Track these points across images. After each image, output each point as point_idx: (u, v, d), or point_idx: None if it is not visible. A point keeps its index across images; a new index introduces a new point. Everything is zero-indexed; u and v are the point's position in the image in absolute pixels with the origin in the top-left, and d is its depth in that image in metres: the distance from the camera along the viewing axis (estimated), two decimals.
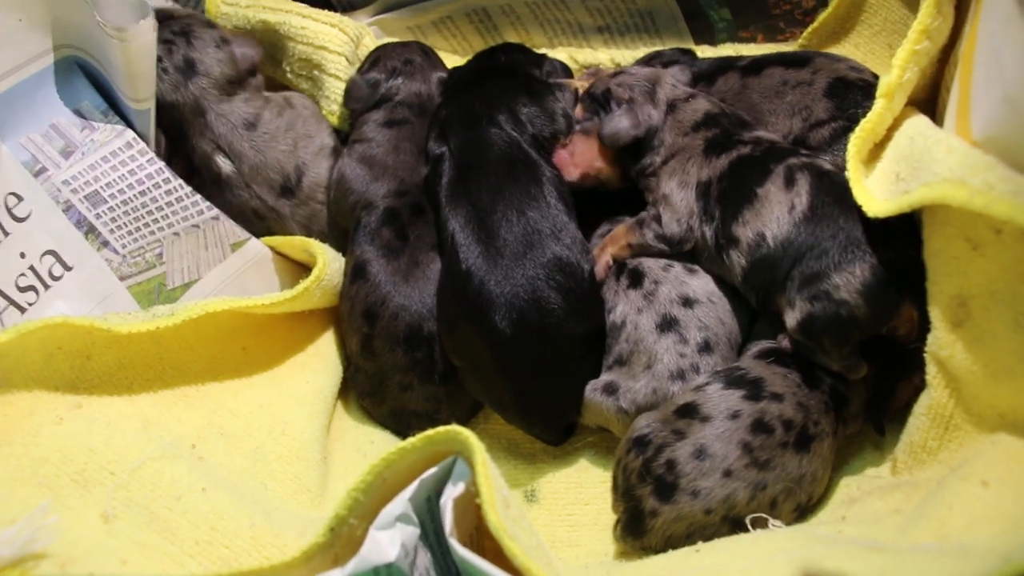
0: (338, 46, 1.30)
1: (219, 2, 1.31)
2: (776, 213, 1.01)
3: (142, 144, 1.14)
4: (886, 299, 0.96)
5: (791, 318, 1.00)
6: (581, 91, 1.23)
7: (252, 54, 1.25)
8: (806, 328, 0.98)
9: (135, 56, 1.07)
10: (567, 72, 1.25)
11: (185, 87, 1.21)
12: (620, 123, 1.14)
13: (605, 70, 1.25)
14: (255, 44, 1.27)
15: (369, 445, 1.16)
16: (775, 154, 1.06)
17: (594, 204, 1.21)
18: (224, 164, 1.23)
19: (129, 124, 1.14)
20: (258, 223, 1.26)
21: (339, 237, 1.25)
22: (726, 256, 1.06)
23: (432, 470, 0.87)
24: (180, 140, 1.24)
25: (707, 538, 0.95)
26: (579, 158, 1.18)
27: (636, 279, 1.11)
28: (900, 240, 0.92)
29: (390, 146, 1.24)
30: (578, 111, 1.21)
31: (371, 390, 1.19)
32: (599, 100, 1.17)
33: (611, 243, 1.15)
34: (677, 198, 1.10)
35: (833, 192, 0.99)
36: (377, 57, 1.31)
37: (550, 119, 1.19)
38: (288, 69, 1.33)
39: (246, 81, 1.25)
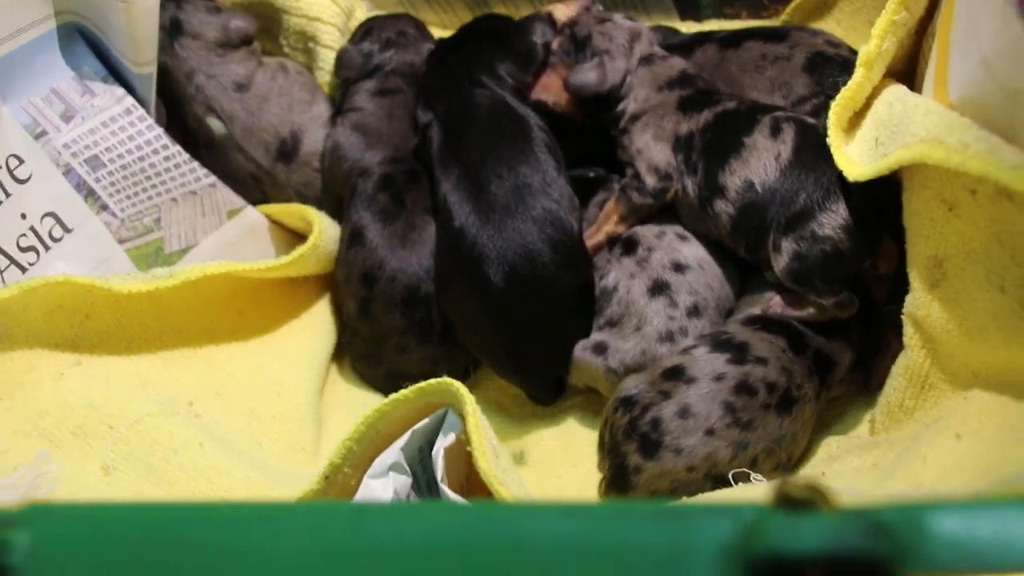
0: (331, 17, 1.32)
1: None
2: (763, 160, 1.04)
3: (141, 110, 1.16)
4: (867, 233, 1.00)
5: (779, 262, 1.02)
6: (562, 16, 1.25)
7: (244, 26, 1.26)
8: (795, 268, 1.01)
9: (139, 19, 1.08)
10: (551, 23, 1.26)
11: (171, 47, 1.22)
12: (588, 77, 1.17)
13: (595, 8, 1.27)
14: (249, 18, 1.28)
15: (362, 408, 1.17)
16: (760, 108, 1.09)
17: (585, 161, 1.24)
18: (216, 125, 1.25)
19: (129, 90, 1.16)
20: (255, 188, 1.28)
21: (333, 204, 1.27)
22: (710, 207, 1.08)
23: (424, 421, 0.89)
24: (175, 105, 1.25)
25: (691, 494, 0.97)
26: (539, 86, 1.22)
27: (630, 247, 1.14)
28: (876, 183, 0.94)
29: (383, 114, 1.26)
30: (555, 42, 1.23)
31: (367, 353, 1.21)
32: (578, 42, 1.20)
33: (604, 222, 1.17)
34: (654, 150, 1.13)
35: (816, 141, 1.02)
36: (370, 28, 1.32)
37: (528, 62, 1.21)
38: (284, 43, 1.34)
39: (238, 48, 1.26)
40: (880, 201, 0.98)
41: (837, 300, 1.02)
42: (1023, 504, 0.38)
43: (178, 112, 1.26)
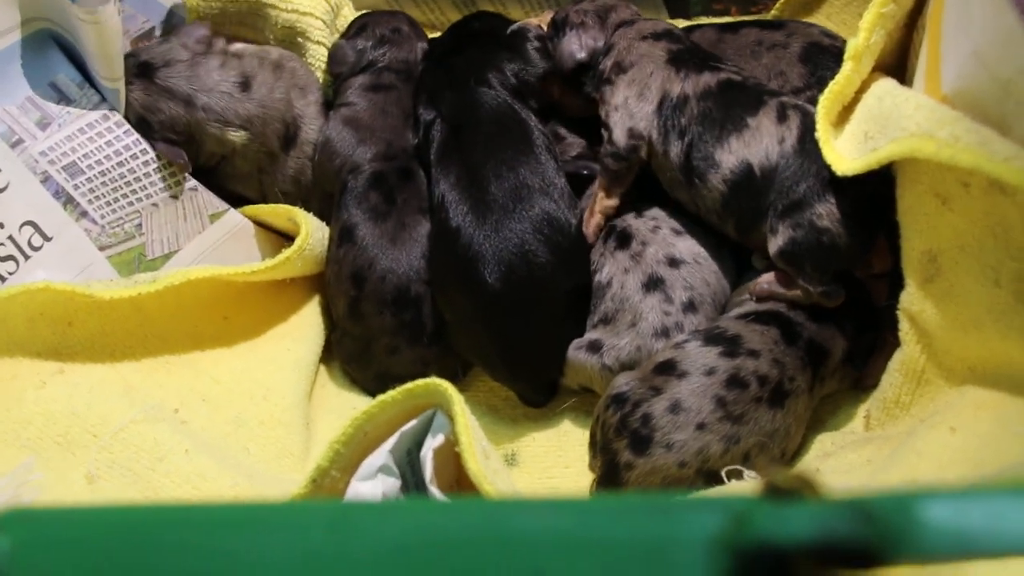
0: (322, 13, 1.30)
1: None
2: (766, 143, 1.03)
3: (118, 116, 1.15)
4: (864, 230, 0.99)
5: (774, 244, 1.02)
6: (543, 25, 1.26)
7: (198, 32, 1.23)
8: (789, 252, 1.01)
9: (108, 37, 1.07)
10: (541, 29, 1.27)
11: (154, 86, 1.19)
12: (569, 46, 1.18)
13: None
14: (196, 22, 1.25)
15: (351, 411, 1.14)
16: (767, 90, 1.08)
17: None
18: (238, 136, 1.22)
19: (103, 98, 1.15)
20: (257, 180, 1.26)
21: (322, 201, 1.25)
22: (700, 179, 1.06)
23: (412, 423, 0.88)
24: (188, 145, 1.20)
25: (683, 492, 0.96)
26: None
27: (624, 240, 1.13)
28: (873, 179, 0.93)
29: (376, 109, 1.24)
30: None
31: (357, 354, 1.19)
32: (557, 25, 1.22)
33: (594, 201, 1.16)
34: (634, 109, 1.11)
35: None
36: (364, 24, 1.31)
37: (530, 65, 1.21)
38: (271, 36, 1.32)
39: (205, 54, 1.23)
40: (877, 197, 0.97)
41: (824, 289, 1.02)
42: (1013, 492, 0.37)
43: (192, 149, 1.21)
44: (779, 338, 1.01)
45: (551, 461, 1.13)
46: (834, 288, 1.01)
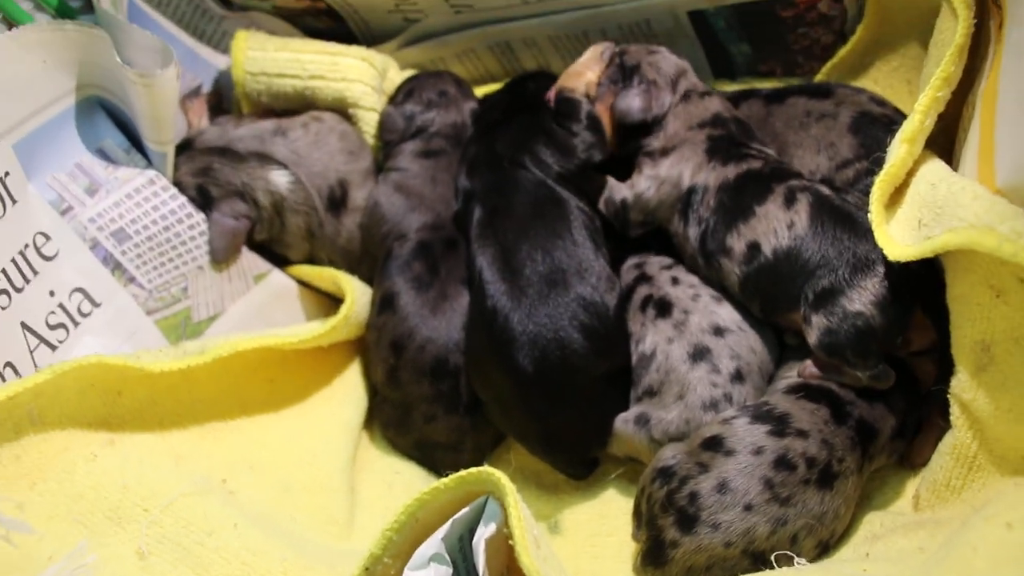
0: (369, 79, 1.30)
1: (244, 69, 1.30)
2: (774, 226, 1.05)
3: (164, 180, 1.16)
4: (898, 308, 0.99)
5: (811, 335, 1.02)
6: (593, 77, 1.23)
7: (223, 120, 1.29)
8: (826, 342, 1.01)
9: (159, 101, 1.08)
10: (591, 116, 1.25)
11: (193, 152, 1.23)
12: (634, 102, 1.17)
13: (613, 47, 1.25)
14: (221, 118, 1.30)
15: (395, 476, 1.17)
16: (779, 174, 1.09)
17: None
18: (280, 175, 1.23)
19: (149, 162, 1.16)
20: (307, 244, 1.26)
21: (371, 267, 1.25)
22: (716, 262, 1.10)
23: (464, 510, 0.88)
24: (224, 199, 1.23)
25: (727, 571, 0.96)
26: None
27: (663, 309, 1.12)
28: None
29: (427, 176, 1.24)
30: (599, 74, 1.22)
31: (396, 420, 1.20)
32: (626, 71, 1.21)
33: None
34: (668, 184, 1.14)
35: (833, 213, 1.03)
36: (411, 88, 1.31)
37: (570, 155, 1.19)
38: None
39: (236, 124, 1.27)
40: (912, 276, 0.97)
41: (872, 373, 1.02)
42: None
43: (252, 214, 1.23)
44: (829, 418, 1.01)
45: (594, 529, 1.13)
46: (883, 370, 1.01)
